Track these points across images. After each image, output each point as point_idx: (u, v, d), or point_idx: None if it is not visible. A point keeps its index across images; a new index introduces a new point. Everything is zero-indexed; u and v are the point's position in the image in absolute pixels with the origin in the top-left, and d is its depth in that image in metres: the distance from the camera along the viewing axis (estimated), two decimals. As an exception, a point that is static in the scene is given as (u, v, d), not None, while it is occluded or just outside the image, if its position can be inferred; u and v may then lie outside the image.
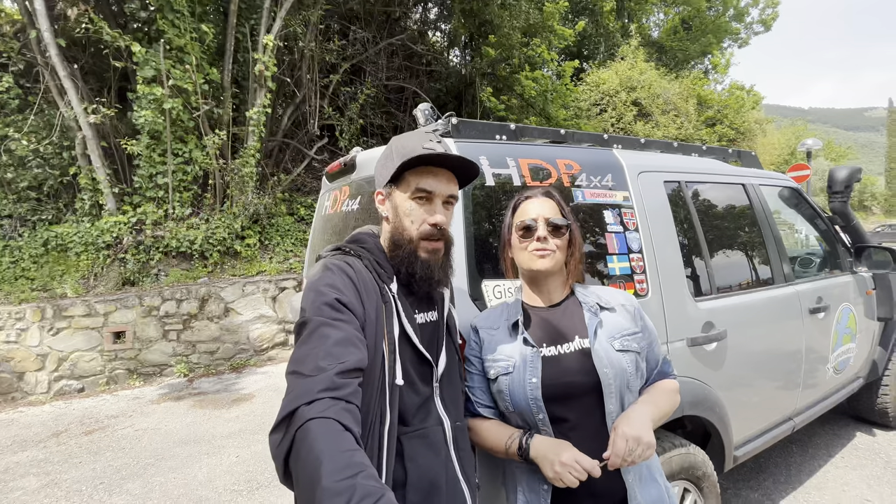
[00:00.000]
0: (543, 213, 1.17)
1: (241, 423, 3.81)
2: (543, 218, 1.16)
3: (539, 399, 1.08)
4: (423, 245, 1.01)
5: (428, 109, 1.69)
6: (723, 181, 2.26)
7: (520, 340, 1.14)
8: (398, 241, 1.03)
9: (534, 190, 1.25)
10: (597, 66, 14.29)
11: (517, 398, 1.11)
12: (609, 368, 1.08)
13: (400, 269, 1.03)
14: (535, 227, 1.16)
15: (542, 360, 1.11)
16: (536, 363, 1.10)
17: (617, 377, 1.08)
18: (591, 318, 1.14)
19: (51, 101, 5.79)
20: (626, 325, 1.15)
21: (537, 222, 1.16)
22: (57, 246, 5.50)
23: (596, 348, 1.10)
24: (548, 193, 1.22)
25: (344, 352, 0.82)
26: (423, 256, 1.01)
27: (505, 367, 1.14)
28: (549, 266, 1.14)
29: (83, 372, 4.74)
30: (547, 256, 1.14)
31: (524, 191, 1.26)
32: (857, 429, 3.18)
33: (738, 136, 16.22)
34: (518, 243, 1.19)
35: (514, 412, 1.13)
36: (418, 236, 1.01)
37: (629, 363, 1.10)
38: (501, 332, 1.19)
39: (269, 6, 6.48)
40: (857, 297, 2.70)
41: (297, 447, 0.71)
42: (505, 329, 1.18)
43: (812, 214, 2.79)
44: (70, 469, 3.12)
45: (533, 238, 1.15)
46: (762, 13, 18.70)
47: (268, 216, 6.76)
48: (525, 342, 1.13)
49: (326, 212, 2.28)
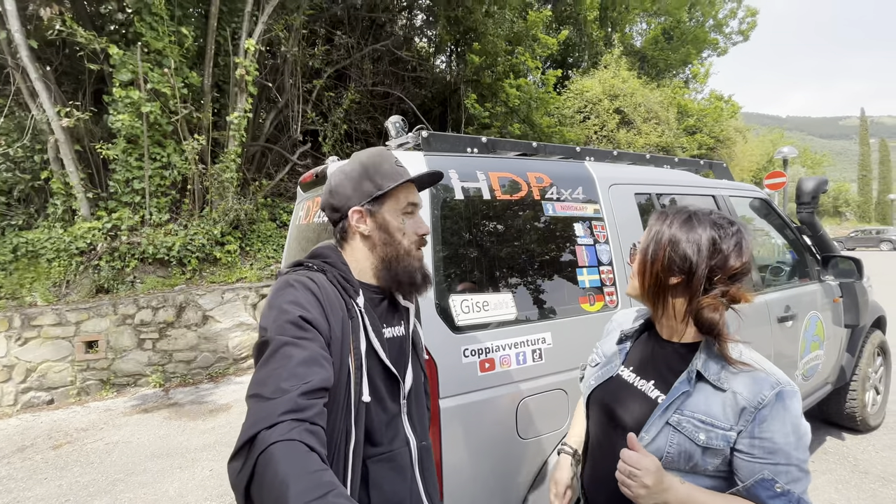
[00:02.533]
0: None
1: (217, 434, 3.72)
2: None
3: (586, 397, 1.15)
4: (416, 255, 1.06)
5: (399, 122, 1.69)
6: (693, 193, 2.30)
7: (618, 349, 1.14)
8: (394, 256, 1.02)
9: None
10: (580, 75, 14.51)
11: (582, 386, 1.20)
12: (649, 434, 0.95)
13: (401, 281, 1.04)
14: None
15: (616, 374, 1.09)
16: (608, 374, 1.10)
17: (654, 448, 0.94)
18: (683, 382, 0.95)
19: (22, 103, 5.63)
20: (714, 412, 0.91)
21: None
22: (27, 252, 5.32)
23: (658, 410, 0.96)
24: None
25: (308, 371, 0.80)
26: (417, 265, 1.06)
27: (593, 359, 1.20)
28: (628, 291, 1.10)
29: (52, 383, 4.58)
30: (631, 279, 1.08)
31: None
32: (827, 433, 3.26)
33: (718, 144, 16.63)
34: None
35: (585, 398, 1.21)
36: (413, 247, 1.05)
37: (674, 444, 0.92)
38: (616, 334, 1.19)
39: (250, 10, 6.43)
40: (824, 306, 2.77)
41: (261, 473, 0.68)
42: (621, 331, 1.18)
43: (781, 224, 2.86)
44: (34, 486, 3.01)
45: None
46: (741, 23, 19.24)
47: (249, 222, 6.66)
48: (618, 353, 1.12)
49: (300, 222, 2.26)
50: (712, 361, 0.95)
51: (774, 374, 0.93)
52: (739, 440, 0.89)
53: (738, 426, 0.89)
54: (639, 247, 1.05)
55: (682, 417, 0.93)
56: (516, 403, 1.45)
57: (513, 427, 1.44)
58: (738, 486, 0.91)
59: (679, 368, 0.97)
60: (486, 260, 1.53)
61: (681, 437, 0.91)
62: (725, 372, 0.93)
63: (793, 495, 0.87)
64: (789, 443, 0.89)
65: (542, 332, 1.54)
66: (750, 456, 0.89)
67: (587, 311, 1.66)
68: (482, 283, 1.49)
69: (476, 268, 1.50)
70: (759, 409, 0.89)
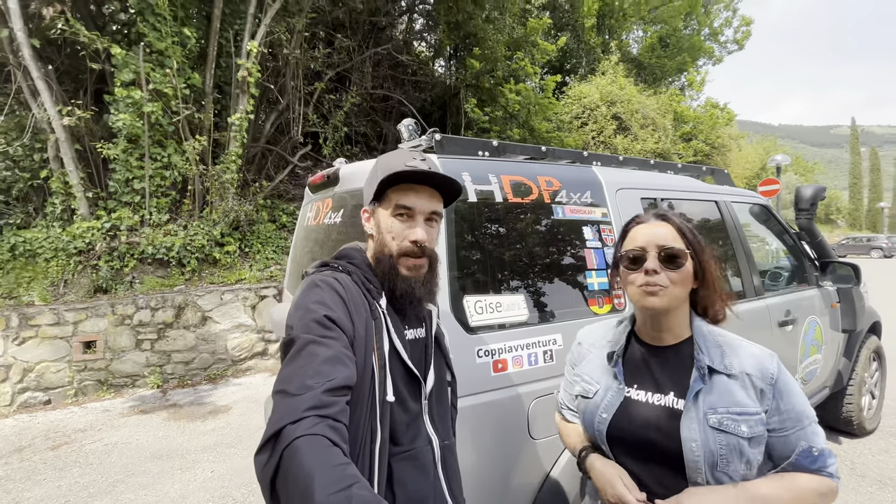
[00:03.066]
0: (656, 239, 0.98)
1: (217, 436, 3.71)
2: (656, 246, 0.97)
3: (603, 434, 1.01)
4: (404, 261, 1.01)
5: (412, 125, 1.71)
6: (697, 198, 2.34)
7: (611, 371, 1.06)
8: (380, 257, 1.03)
9: (647, 213, 1.08)
10: (578, 81, 14.64)
11: (587, 424, 1.07)
12: (696, 443, 0.90)
13: (384, 286, 1.03)
14: (645, 257, 0.97)
15: (624, 399, 1.01)
16: (616, 400, 1.01)
17: (706, 456, 0.90)
18: (697, 380, 0.94)
19: (23, 101, 5.60)
20: (741, 400, 0.92)
21: (647, 252, 0.97)
22: (25, 252, 5.29)
23: (688, 415, 0.92)
24: (663, 216, 1.03)
25: (332, 370, 0.81)
26: (404, 273, 1.00)
27: (587, 389, 1.08)
28: (662, 305, 0.96)
29: (50, 383, 4.54)
30: (658, 293, 0.95)
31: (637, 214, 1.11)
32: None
33: (713, 151, 16.80)
34: (624, 275, 1.02)
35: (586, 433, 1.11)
36: (398, 253, 1.00)
37: (724, 446, 0.90)
38: (599, 354, 1.11)
39: (253, 12, 6.45)
40: (822, 310, 2.82)
41: (286, 467, 0.70)
42: (604, 351, 1.10)
43: (780, 230, 2.91)
44: (33, 487, 2.98)
45: (640, 271, 0.97)
46: (736, 32, 19.53)
47: (248, 223, 6.65)
48: (615, 376, 1.04)
49: (308, 223, 2.27)
50: (711, 351, 0.97)
51: (758, 345, 1.00)
52: (769, 420, 0.92)
53: (764, 406, 0.92)
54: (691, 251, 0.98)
55: (719, 416, 0.91)
56: (528, 404, 1.47)
57: (524, 427, 1.46)
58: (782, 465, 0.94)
59: (684, 370, 0.97)
60: (498, 261, 1.55)
61: (726, 435, 0.90)
62: (725, 357, 0.96)
63: (825, 450, 0.93)
64: (804, 402, 0.95)
65: (553, 334, 1.56)
66: (783, 431, 0.92)
67: (596, 313, 1.68)
68: (495, 285, 1.51)
69: (488, 269, 1.52)
70: (773, 384, 0.93)
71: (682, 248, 0.97)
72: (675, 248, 0.96)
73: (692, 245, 0.99)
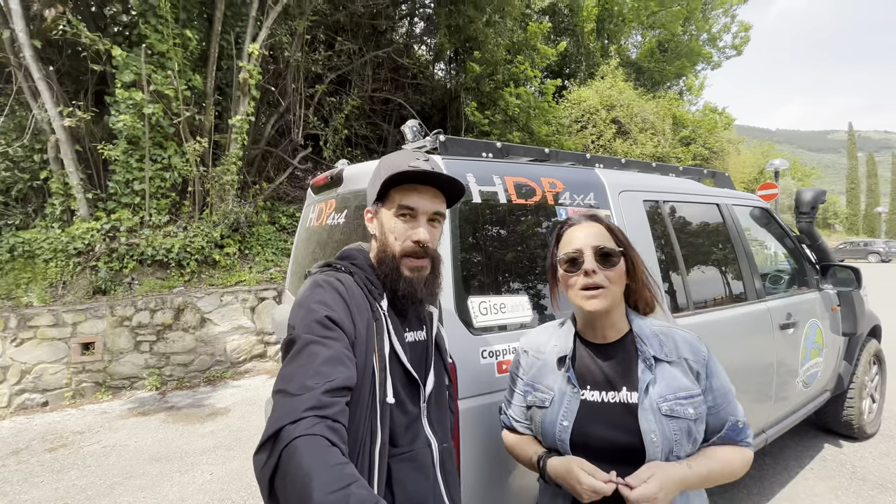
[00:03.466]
0: (590, 241, 1.02)
1: (216, 438, 3.69)
2: (591, 247, 1.01)
3: (566, 443, 1.01)
4: (406, 262, 1.00)
5: (416, 126, 1.72)
6: (698, 201, 2.35)
7: (563, 376, 1.06)
8: (382, 258, 1.03)
9: (577, 215, 1.10)
10: (578, 85, 14.71)
11: (546, 434, 1.05)
12: (655, 434, 0.94)
13: (385, 285, 1.03)
14: (582, 259, 1.01)
15: (580, 402, 1.02)
16: (573, 405, 1.02)
17: (664, 443, 0.95)
18: (645, 371, 0.99)
19: (23, 102, 5.60)
20: (684, 384, 0.98)
21: (583, 254, 1.01)
22: (24, 252, 5.27)
23: (644, 407, 0.96)
24: (594, 217, 1.08)
25: (332, 370, 0.82)
26: (406, 274, 1.00)
27: (541, 399, 1.07)
28: (604, 307, 1.00)
29: (47, 385, 4.52)
30: (599, 296, 0.99)
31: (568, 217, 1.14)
32: (825, 440, 3.30)
33: (712, 156, 16.87)
34: (564, 278, 1.05)
35: (545, 443, 1.09)
36: (401, 253, 1.00)
37: (677, 431, 0.95)
38: (547, 360, 1.10)
39: (255, 15, 6.47)
40: (823, 314, 2.82)
41: (284, 466, 0.70)
42: (552, 358, 1.10)
43: (781, 233, 2.92)
44: (30, 489, 2.96)
45: (579, 273, 1.01)
46: (734, 38, 19.64)
47: (248, 225, 6.65)
48: (568, 380, 1.04)
49: (311, 224, 2.27)
50: (651, 341, 1.03)
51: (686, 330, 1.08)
52: (705, 399, 1.00)
53: (701, 386, 1.00)
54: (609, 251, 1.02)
55: (669, 403, 0.96)
56: (531, 405, 1.46)
57: (528, 428, 1.46)
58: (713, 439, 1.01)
59: (631, 363, 1.02)
60: (502, 262, 1.55)
61: (677, 421, 0.96)
62: (664, 345, 1.02)
63: (746, 422, 1.03)
64: (727, 378, 1.05)
65: (557, 335, 1.56)
66: (715, 408, 1.01)
67: (599, 314, 1.68)
68: (499, 286, 1.51)
69: (493, 270, 1.52)
70: (706, 365, 1.02)
71: (614, 246, 1.02)
72: (608, 247, 1.01)
73: (622, 243, 1.04)
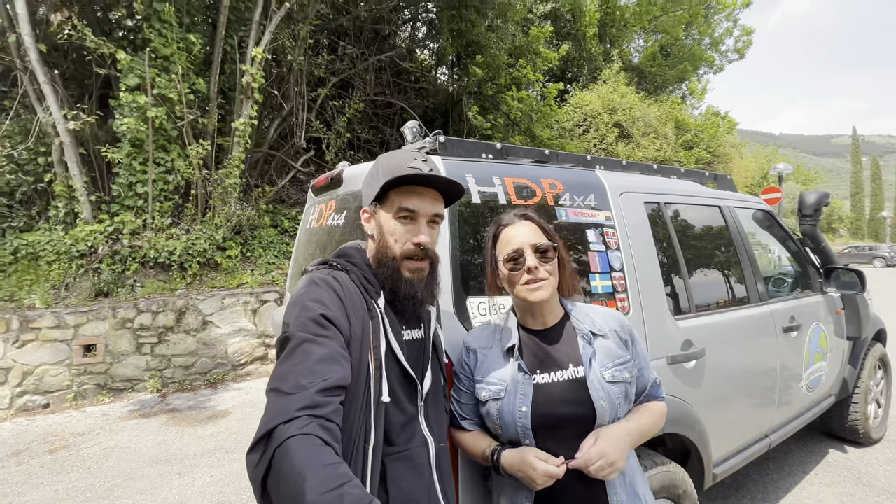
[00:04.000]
0: (528, 239, 1.12)
1: (216, 440, 3.68)
2: (530, 245, 1.11)
3: (528, 428, 1.06)
4: (407, 264, 1.01)
5: (416, 127, 1.71)
6: (700, 203, 2.34)
7: (513, 365, 1.11)
8: (382, 259, 1.03)
9: (509, 214, 1.19)
10: (580, 89, 14.73)
11: (506, 424, 1.09)
12: (604, 401, 1.06)
13: (385, 287, 1.03)
14: (523, 257, 1.10)
15: (533, 387, 1.09)
16: (528, 391, 1.08)
17: (611, 408, 1.07)
18: (586, 346, 1.12)
19: (28, 105, 5.65)
20: (618, 352, 1.13)
21: (524, 252, 1.10)
22: (27, 254, 5.29)
23: (591, 378, 1.08)
24: (525, 216, 1.17)
25: (326, 369, 0.81)
26: (407, 276, 1.01)
27: (496, 391, 1.11)
28: (547, 296, 1.10)
29: (49, 387, 4.53)
30: (542, 287, 1.09)
31: (500, 217, 1.21)
32: (829, 446, 3.26)
33: (715, 159, 16.84)
34: (508, 276, 1.13)
35: (504, 436, 1.12)
36: (402, 255, 1.01)
37: (620, 394, 1.09)
38: (494, 354, 1.15)
39: (258, 19, 6.51)
40: (827, 317, 2.80)
41: (277, 466, 0.70)
42: (498, 350, 1.15)
43: (784, 236, 2.90)
44: (30, 491, 2.95)
45: (523, 269, 1.10)
46: (737, 42, 19.67)
47: (250, 228, 6.66)
48: (519, 368, 1.10)
49: (311, 225, 2.27)
50: (585, 319, 1.17)
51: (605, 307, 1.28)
52: (635, 363, 1.15)
53: (629, 352, 1.15)
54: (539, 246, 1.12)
55: (610, 371, 1.10)
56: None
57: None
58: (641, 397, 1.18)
59: (572, 342, 1.14)
60: (501, 264, 1.54)
61: (618, 385, 1.10)
62: (595, 322, 1.17)
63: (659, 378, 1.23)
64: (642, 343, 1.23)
65: (557, 337, 1.55)
66: (641, 370, 1.17)
67: (600, 316, 1.67)
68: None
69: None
70: (630, 333, 1.19)
71: (549, 243, 1.13)
72: (544, 245, 1.12)
73: (553, 238, 1.16)
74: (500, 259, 1.14)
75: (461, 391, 1.20)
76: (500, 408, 1.09)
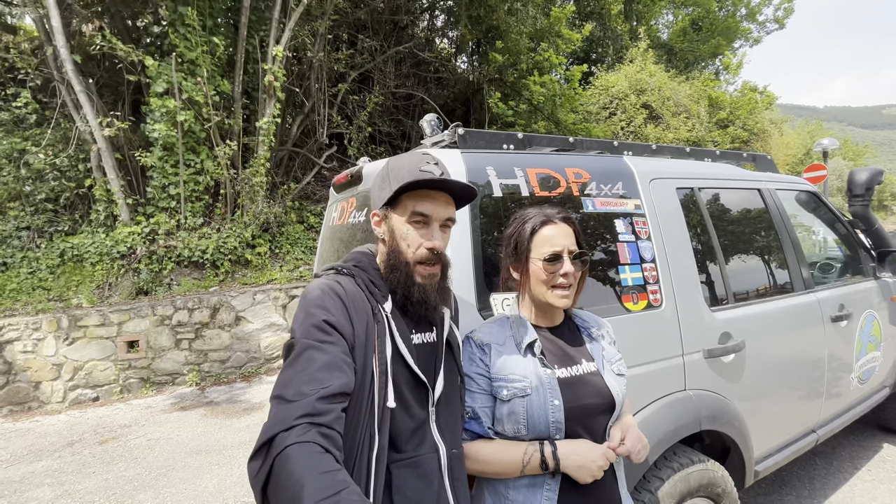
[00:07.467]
0: (569, 243, 1.12)
1: (252, 432, 3.81)
2: (569, 250, 1.12)
3: (561, 421, 1.07)
4: (419, 269, 0.99)
5: (434, 120, 1.67)
6: (737, 186, 2.20)
7: (534, 361, 1.11)
8: (394, 264, 1.01)
9: (550, 210, 1.16)
10: (605, 70, 14.21)
11: (536, 421, 1.06)
12: (617, 392, 1.14)
13: (396, 291, 1.01)
14: (562, 260, 1.11)
15: (557, 381, 1.10)
16: (555, 385, 1.09)
17: (621, 398, 1.14)
18: (593, 343, 1.20)
19: (67, 115, 5.92)
20: (613, 350, 1.22)
21: (562, 255, 1.10)
22: (73, 257, 5.60)
23: (605, 371, 1.16)
24: (568, 219, 1.16)
25: (328, 376, 0.82)
26: (419, 281, 0.99)
27: (521, 388, 1.07)
28: (570, 304, 1.14)
29: (97, 381, 4.80)
30: (570, 296, 1.12)
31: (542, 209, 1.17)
32: (883, 440, 3.07)
33: (752, 138, 15.96)
34: (541, 274, 1.11)
35: (528, 434, 1.08)
36: (414, 260, 0.99)
37: (624, 386, 1.19)
38: (509, 350, 1.12)
39: (278, 18, 6.57)
40: (881, 304, 2.61)
41: (277, 474, 0.71)
42: (513, 347, 1.13)
43: (831, 218, 2.71)
44: (83, 479, 3.14)
45: (558, 273, 1.10)
46: (776, 10, 18.41)
47: (278, 225, 6.81)
48: (542, 363, 1.11)
49: (334, 223, 2.27)
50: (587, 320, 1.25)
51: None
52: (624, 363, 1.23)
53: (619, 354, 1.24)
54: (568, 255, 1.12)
55: (614, 366, 1.18)
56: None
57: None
58: None
59: (578, 340, 1.20)
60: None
61: (623, 378, 1.18)
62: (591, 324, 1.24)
63: None
64: None
65: (585, 332, 1.49)
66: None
67: (631, 309, 1.60)
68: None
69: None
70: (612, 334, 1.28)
71: (584, 250, 1.15)
72: (582, 252, 1.14)
73: (583, 246, 1.16)
74: (535, 256, 1.12)
75: (475, 394, 1.12)
76: (527, 404, 1.06)
